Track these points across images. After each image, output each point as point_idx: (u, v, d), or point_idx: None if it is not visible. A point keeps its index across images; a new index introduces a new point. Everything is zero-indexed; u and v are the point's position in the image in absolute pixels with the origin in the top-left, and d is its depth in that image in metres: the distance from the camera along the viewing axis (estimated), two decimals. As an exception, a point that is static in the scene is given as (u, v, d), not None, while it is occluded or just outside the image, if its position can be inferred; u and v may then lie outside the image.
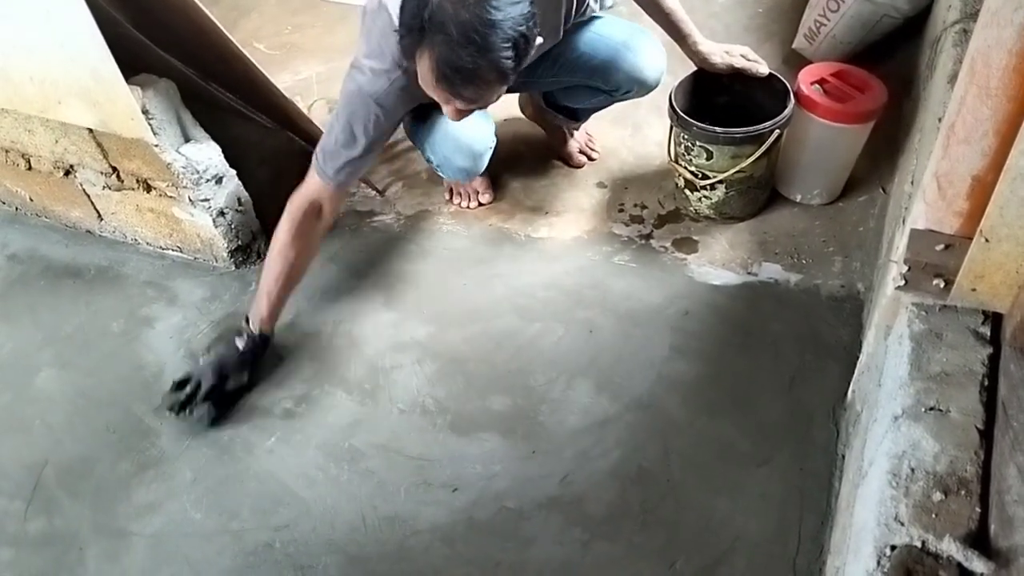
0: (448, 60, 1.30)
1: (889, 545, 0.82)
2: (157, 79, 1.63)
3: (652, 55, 1.77)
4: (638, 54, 1.75)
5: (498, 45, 1.28)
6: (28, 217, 2.19)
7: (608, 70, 1.77)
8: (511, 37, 1.29)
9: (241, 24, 2.81)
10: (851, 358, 1.51)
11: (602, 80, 1.80)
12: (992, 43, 0.88)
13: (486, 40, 1.27)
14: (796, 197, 1.92)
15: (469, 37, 1.26)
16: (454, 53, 1.28)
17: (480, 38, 1.27)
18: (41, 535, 1.49)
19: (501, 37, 1.28)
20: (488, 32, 1.27)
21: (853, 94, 1.71)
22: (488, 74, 1.33)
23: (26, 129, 1.84)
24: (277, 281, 1.62)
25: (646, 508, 1.40)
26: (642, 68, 1.76)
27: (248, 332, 1.64)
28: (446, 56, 1.29)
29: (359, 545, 1.41)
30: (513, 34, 1.29)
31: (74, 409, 1.69)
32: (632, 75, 1.77)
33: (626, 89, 1.81)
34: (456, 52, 1.28)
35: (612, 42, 1.75)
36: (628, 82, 1.78)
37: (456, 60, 1.29)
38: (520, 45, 1.32)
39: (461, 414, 1.58)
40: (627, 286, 1.78)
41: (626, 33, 1.76)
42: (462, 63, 1.29)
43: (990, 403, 0.93)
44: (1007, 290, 0.98)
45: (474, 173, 1.84)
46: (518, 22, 1.29)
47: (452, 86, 1.35)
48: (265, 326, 1.65)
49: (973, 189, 1.01)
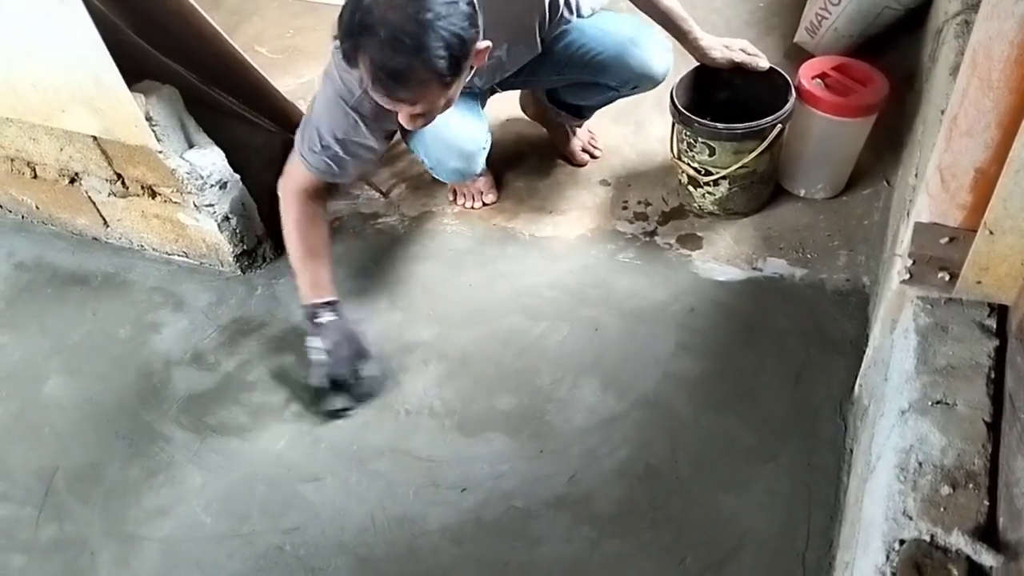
0: (380, 63, 1.28)
1: (898, 539, 0.82)
2: (160, 85, 1.64)
3: (659, 49, 1.77)
4: (645, 49, 1.75)
5: (430, 45, 1.27)
6: (34, 225, 2.20)
7: (616, 67, 1.76)
8: (443, 38, 1.27)
9: (243, 28, 2.81)
10: (857, 352, 1.50)
11: (610, 76, 1.79)
12: (994, 35, 0.88)
13: (417, 40, 1.26)
14: (800, 192, 1.92)
15: (398, 39, 1.25)
16: (385, 55, 1.27)
17: (409, 39, 1.25)
18: (52, 541, 1.50)
19: (432, 38, 1.26)
20: (418, 32, 1.25)
21: (855, 87, 1.70)
22: (422, 75, 1.31)
23: (31, 138, 1.85)
24: (305, 259, 1.64)
25: (654, 505, 1.40)
26: (650, 63, 1.76)
27: (323, 305, 1.61)
28: (378, 59, 1.28)
29: (369, 546, 1.41)
30: (445, 34, 1.27)
31: (83, 415, 1.70)
32: (640, 71, 1.76)
33: (634, 84, 1.81)
34: (387, 54, 1.27)
35: (618, 37, 1.74)
36: (636, 78, 1.78)
37: (388, 62, 1.28)
38: (454, 46, 1.29)
39: (468, 414, 1.59)
40: (632, 284, 1.78)
41: (631, 28, 1.76)
42: (394, 64, 1.28)
43: (997, 396, 0.92)
44: (1012, 282, 0.97)
45: (469, 174, 1.83)
46: (452, 22, 1.28)
47: (388, 89, 1.33)
48: (326, 293, 1.63)
49: (976, 181, 1.00)
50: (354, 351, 1.61)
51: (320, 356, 1.59)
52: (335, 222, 2.04)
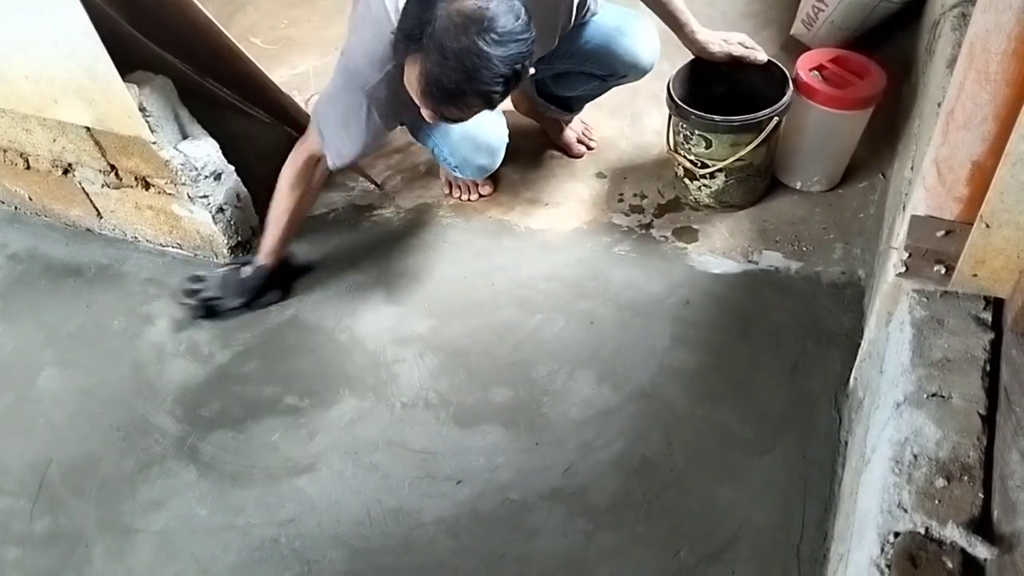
0: (437, 79, 1.30)
1: (892, 532, 0.82)
2: (153, 76, 1.63)
3: (646, 38, 1.77)
4: (633, 38, 1.75)
5: (489, 78, 1.28)
6: (28, 216, 2.19)
7: (603, 56, 1.76)
8: (503, 73, 1.29)
9: (237, 19, 2.80)
10: (853, 345, 1.51)
11: (597, 66, 1.79)
12: (991, 27, 0.88)
13: (478, 72, 1.27)
14: (796, 184, 1.92)
15: (463, 64, 1.26)
16: (444, 75, 1.28)
17: (473, 68, 1.27)
18: (47, 534, 1.50)
19: (494, 72, 1.28)
20: (482, 65, 1.26)
21: (852, 80, 1.70)
22: (473, 100, 1.33)
23: (23, 128, 1.83)
24: (281, 218, 1.73)
25: (649, 498, 1.40)
26: (637, 52, 1.76)
27: (253, 262, 1.79)
28: (436, 75, 1.29)
29: (364, 539, 1.41)
30: (506, 71, 1.29)
31: (77, 408, 1.70)
32: (627, 60, 1.77)
33: (621, 74, 1.81)
34: (447, 74, 1.28)
35: (606, 28, 1.75)
36: (624, 67, 1.79)
37: (445, 82, 1.29)
38: (511, 80, 1.32)
39: (464, 407, 1.59)
40: (627, 276, 1.78)
41: (619, 18, 1.76)
42: (450, 85, 1.30)
43: (992, 389, 0.93)
44: (1008, 275, 0.97)
45: (491, 170, 1.84)
46: (515, 59, 1.29)
47: (435, 102, 1.35)
48: (268, 259, 1.78)
49: (973, 175, 1.00)
50: (211, 293, 1.79)
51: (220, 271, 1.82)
52: (330, 213, 2.03)
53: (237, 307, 1.82)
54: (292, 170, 1.70)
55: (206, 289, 1.79)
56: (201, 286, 1.80)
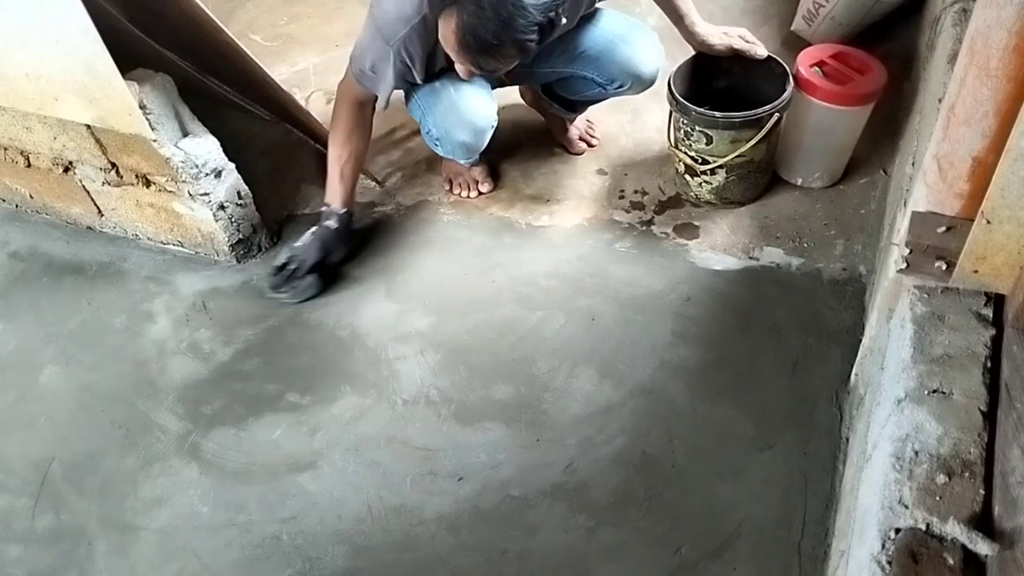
0: (474, 31, 1.36)
1: (893, 528, 0.82)
2: (153, 74, 1.63)
3: (648, 50, 1.78)
4: (634, 48, 1.76)
5: (525, 26, 1.35)
6: (28, 214, 2.19)
7: (603, 61, 1.77)
8: (538, 21, 1.35)
9: (237, 15, 2.79)
10: (854, 341, 1.51)
11: (596, 71, 1.80)
12: (992, 23, 0.88)
13: (514, 20, 1.33)
14: (797, 180, 1.91)
15: (499, 14, 1.33)
16: (482, 26, 1.35)
17: (509, 17, 1.33)
18: (49, 531, 1.50)
19: (530, 19, 1.34)
20: (518, 13, 1.33)
21: (853, 76, 1.70)
22: (509, 50, 1.40)
23: (24, 126, 1.83)
24: (347, 164, 1.78)
25: (650, 494, 1.41)
26: (637, 62, 1.76)
27: (335, 212, 1.80)
28: (472, 26, 1.35)
29: (366, 535, 1.42)
30: (541, 18, 1.35)
31: (79, 405, 1.70)
32: (626, 68, 1.77)
33: (620, 83, 1.81)
34: (484, 25, 1.34)
35: (610, 35, 1.76)
36: (622, 75, 1.79)
37: (482, 32, 1.36)
38: (545, 28, 1.38)
39: (465, 404, 1.59)
40: (628, 273, 1.78)
41: (624, 27, 1.77)
42: (486, 36, 1.36)
43: (993, 385, 0.92)
44: (1009, 271, 0.97)
45: (473, 151, 1.82)
46: (548, 7, 1.35)
47: (471, 54, 1.41)
48: (348, 203, 1.81)
49: (974, 170, 1.00)
50: (314, 258, 1.78)
51: (303, 241, 1.79)
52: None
53: (344, 258, 1.85)
54: (345, 116, 1.74)
55: (304, 262, 1.78)
56: (298, 263, 1.78)
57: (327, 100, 2.30)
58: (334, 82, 1.70)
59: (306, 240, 1.79)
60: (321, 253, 1.79)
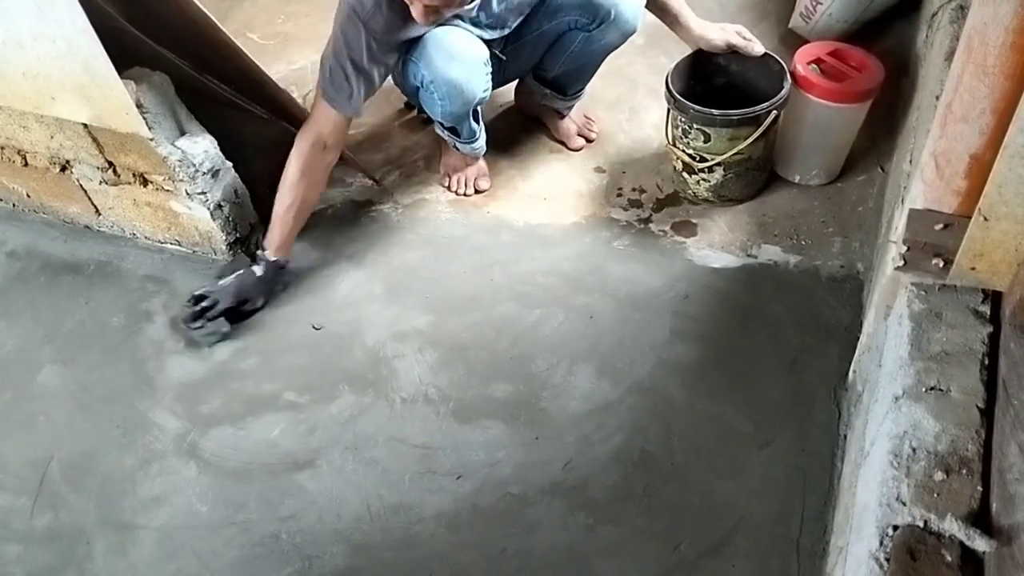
0: None
1: (891, 525, 0.83)
2: (150, 73, 1.62)
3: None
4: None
5: None
6: (26, 213, 2.18)
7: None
8: None
9: (234, 14, 2.79)
10: (851, 339, 1.51)
11: (579, 11, 1.78)
12: (989, 20, 0.88)
13: None
14: (795, 178, 1.92)
15: None
16: None
17: None
18: (48, 531, 1.50)
19: None
20: None
21: (850, 73, 1.70)
22: None
23: (21, 125, 1.83)
24: (288, 211, 1.74)
25: (649, 492, 1.41)
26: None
27: (264, 259, 1.77)
28: None
29: (365, 534, 1.42)
30: None
31: (77, 404, 1.70)
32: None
33: (603, 16, 1.77)
34: None
35: None
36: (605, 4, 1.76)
37: None
38: None
39: (463, 402, 1.59)
40: (627, 271, 1.78)
41: None
42: None
43: (990, 382, 0.93)
44: (1006, 268, 0.97)
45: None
46: None
47: None
48: (280, 252, 1.78)
49: (971, 168, 1.00)
50: (228, 303, 1.74)
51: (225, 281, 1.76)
52: (329, 209, 2.03)
53: (260, 307, 1.80)
54: (299, 159, 1.71)
55: (220, 302, 1.73)
56: (212, 301, 1.73)
57: (324, 98, 2.30)
58: (331, 82, 1.69)
59: (227, 281, 1.76)
60: (236, 299, 1.75)
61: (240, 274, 1.77)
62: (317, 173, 1.75)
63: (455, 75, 1.71)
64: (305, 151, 1.70)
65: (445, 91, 1.74)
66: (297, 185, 1.72)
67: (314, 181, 1.75)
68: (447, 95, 1.74)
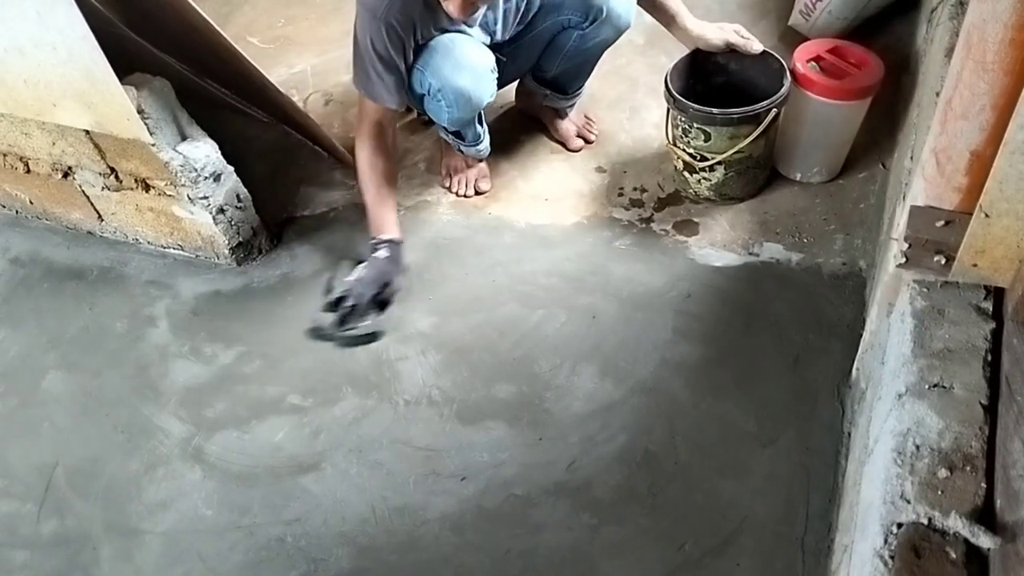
0: None
1: (896, 523, 0.83)
2: (151, 78, 1.63)
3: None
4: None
5: None
6: (29, 220, 2.19)
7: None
8: None
9: (233, 18, 2.79)
10: (854, 336, 1.51)
11: (572, 10, 1.79)
12: (988, 16, 0.88)
13: None
14: (796, 176, 1.91)
15: None
16: None
17: None
18: (54, 536, 1.50)
19: None
20: None
21: (850, 70, 1.70)
22: None
23: (23, 132, 1.84)
24: (379, 192, 1.77)
25: (653, 491, 1.41)
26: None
27: (383, 242, 1.74)
28: None
29: (370, 536, 1.42)
30: None
31: (81, 410, 1.70)
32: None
33: (595, 13, 1.78)
34: None
35: None
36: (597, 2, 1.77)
37: None
38: None
39: (467, 403, 1.59)
40: (629, 270, 1.78)
41: None
42: None
43: (994, 378, 0.93)
44: (1008, 264, 0.97)
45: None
46: None
47: None
48: (394, 232, 1.77)
49: (972, 164, 1.00)
50: (373, 294, 1.68)
51: (354, 277, 1.69)
52: (331, 212, 2.03)
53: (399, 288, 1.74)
54: (367, 149, 1.75)
55: (361, 295, 1.66)
56: (351, 300, 1.66)
57: (325, 102, 2.30)
58: (332, 84, 1.70)
59: (359, 274, 1.69)
60: (378, 285, 1.68)
61: (369, 263, 1.71)
62: (389, 151, 1.78)
63: (463, 83, 1.71)
64: (369, 137, 1.74)
65: (453, 99, 1.73)
66: (375, 169, 1.75)
67: (389, 158, 1.78)
68: (455, 103, 1.74)
